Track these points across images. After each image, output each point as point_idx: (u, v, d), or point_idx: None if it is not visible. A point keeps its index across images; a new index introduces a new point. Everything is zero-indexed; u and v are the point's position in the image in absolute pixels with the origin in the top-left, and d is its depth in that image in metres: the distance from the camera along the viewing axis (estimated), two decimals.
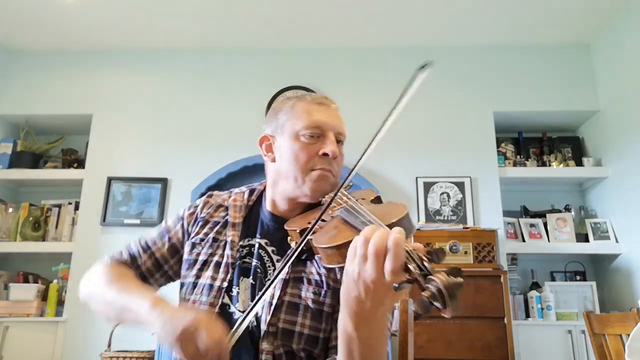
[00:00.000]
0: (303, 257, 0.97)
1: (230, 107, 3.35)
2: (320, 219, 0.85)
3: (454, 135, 3.24)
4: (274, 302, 0.92)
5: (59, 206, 3.29)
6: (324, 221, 0.88)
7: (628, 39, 2.97)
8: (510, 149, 3.37)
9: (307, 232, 0.83)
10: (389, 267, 0.62)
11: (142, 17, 3.15)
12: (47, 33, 3.32)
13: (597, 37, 3.28)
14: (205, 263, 1.01)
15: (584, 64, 3.35)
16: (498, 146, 3.28)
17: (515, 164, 3.26)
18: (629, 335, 1.38)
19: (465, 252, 2.69)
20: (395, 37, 3.34)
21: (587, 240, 3.08)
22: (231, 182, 3.14)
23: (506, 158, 3.29)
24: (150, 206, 3.15)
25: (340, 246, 0.74)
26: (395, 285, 0.62)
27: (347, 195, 0.91)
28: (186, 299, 0.99)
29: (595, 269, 3.24)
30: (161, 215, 3.12)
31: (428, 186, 3.14)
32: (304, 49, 3.46)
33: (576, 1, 2.96)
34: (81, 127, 3.43)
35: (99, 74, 3.47)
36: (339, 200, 0.90)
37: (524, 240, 3.11)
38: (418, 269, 0.62)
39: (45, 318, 2.94)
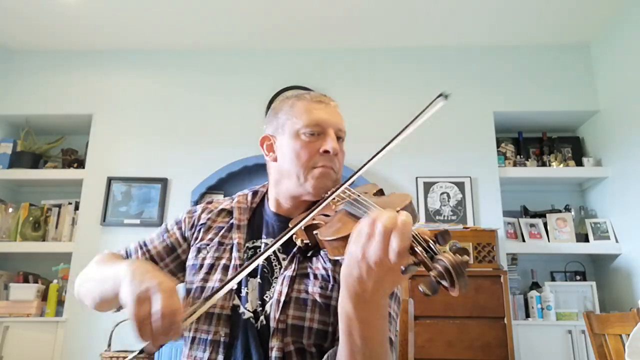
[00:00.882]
0: (309, 254, 0.97)
1: (230, 107, 3.35)
2: (320, 212, 0.85)
3: (454, 135, 3.24)
4: (282, 299, 0.92)
5: (59, 206, 3.29)
6: (328, 216, 0.89)
7: (628, 39, 2.97)
8: (510, 149, 3.37)
9: (308, 214, 0.82)
10: (395, 246, 0.62)
11: (142, 17, 3.15)
12: (47, 33, 3.32)
13: (597, 37, 3.28)
14: (213, 267, 1.01)
15: (584, 64, 3.35)
16: (498, 146, 3.28)
17: (515, 164, 3.26)
18: (629, 335, 1.38)
19: None
20: (396, 37, 3.34)
21: (587, 240, 3.08)
22: (231, 182, 3.14)
23: (506, 158, 3.29)
24: (150, 206, 3.15)
25: (346, 237, 0.74)
26: (403, 267, 0.61)
27: (350, 190, 0.91)
28: (195, 302, 0.99)
29: (595, 269, 3.24)
30: (161, 215, 3.12)
31: (428, 186, 3.14)
32: (304, 49, 3.46)
33: (576, 1, 2.96)
34: (81, 127, 3.43)
35: (99, 74, 3.47)
36: (342, 195, 0.91)
37: (524, 240, 3.11)
38: (424, 251, 0.62)
39: (45, 318, 2.94)
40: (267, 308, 0.93)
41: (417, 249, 0.62)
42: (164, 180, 3.20)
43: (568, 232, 3.10)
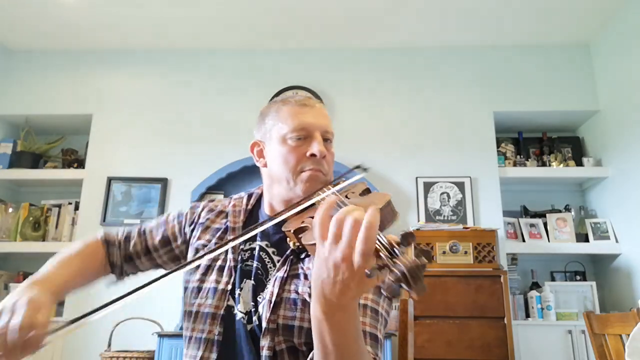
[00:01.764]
0: (302, 256, 0.98)
1: (230, 107, 3.35)
2: (308, 215, 0.87)
3: (454, 135, 3.24)
4: (273, 299, 0.94)
5: (59, 206, 3.29)
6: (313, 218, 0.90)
7: (628, 39, 2.97)
8: (510, 149, 3.37)
9: (285, 211, 0.87)
10: (359, 248, 0.61)
11: (142, 17, 3.15)
12: (47, 33, 3.32)
13: (597, 37, 3.28)
14: (209, 268, 1.04)
15: (584, 64, 3.35)
16: (498, 146, 3.28)
17: (515, 164, 3.26)
18: (629, 335, 1.38)
19: (465, 252, 2.69)
20: (396, 37, 3.34)
21: (587, 240, 3.08)
22: (231, 182, 3.14)
23: (506, 158, 3.29)
24: (150, 206, 3.15)
25: None
26: (367, 272, 0.61)
27: (335, 192, 0.92)
28: (191, 302, 1.02)
29: (595, 269, 3.24)
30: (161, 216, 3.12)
31: (428, 186, 3.14)
32: (304, 49, 3.46)
33: (576, 1, 2.96)
34: (81, 127, 3.43)
35: (99, 74, 3.47)
36: (327, 198, 0.91)
37: (524, 240, 3.11)
38: (388, 255, 0.62)
39: None
40: (260, 309, 0.95)
41: (381, 253, 0.62)
42: (164, 180, 3.20)
43: (568, 232, 3.10)
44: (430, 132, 3.25)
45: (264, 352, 0.90)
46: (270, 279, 0.99)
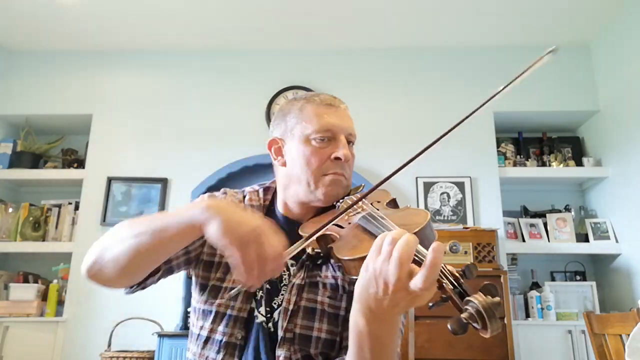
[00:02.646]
0: (319, 262, 0.96)
1: (230, 107, 3.34)
2: (334, 224, 0.83)
3: (454, 135, 3.21)
4: (290, 307, 0.91)
5: (59, 206, 3.29)
6: (341, 227, 0.86)
7: (628, 39, 2.97)
8: (510, 149, 3.37)
9: (323, 226, 0.81)
10: (419, 282, 0.59)
11: (142, 17, 3.15)
12: (47, 33, 3.32)
13: (597, 37, 3.28)
14: (229, 266, 0.97)
15: (584, 64, 3.35)
16: (498, 146, 3.28)
17: (515, 164, 3.26)
18: (629, 335, 1.38)
19: (465, 252, 2.69)
20: (396, 37, 3.34)
21: (587, 240, 3.08)
22: (231, 182, 3.14)
23: (506, 158, 3.29)
24: (150, 206, 3.15)
25: (363, 258, 0.71)
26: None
27: (364, 201, 0.88)
28: (210, 301, 0.96)
29: (595, 269, 3.24)
30: None
31: (428, 186, 3.14)
32: (304, 49, 3.46)
33: (576, 1, 2.96)
34: (81, 127, 3.43)
35: (99, 74, 3.47)
36: (356, 206, 0.88)
37: (524, 240, 3.11)
38: (451, 286, 0.60)
39: (45, 318, 2.94)
40: (275, 315, 0.92)
41: (444, 284, 0.61)
42: (164, 180, 3.20)
43: (568, 232, 3.10)
44: (430, 132, 3.23)
45: None
46: (285, 285, 0.96)
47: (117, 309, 2.80)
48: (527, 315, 2.90)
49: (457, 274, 0.61)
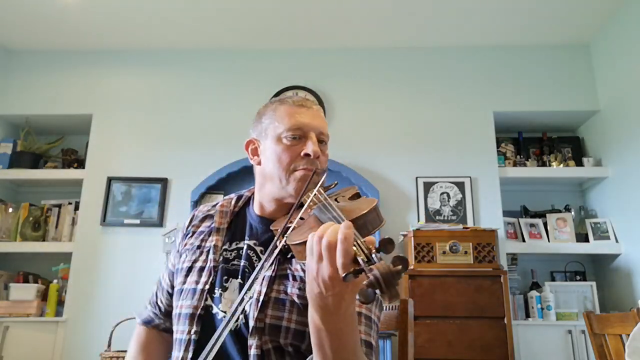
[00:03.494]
0: (289, 256, 0.99)
1: (230, 107, 3.35)
2: (296, 217, 0.88)
3: (454, 135, 3.24)
4: (261, 298, 0.94)
5: (59, 206, 3.29)
6: (303, 219, 0.91)
7: (628, 39, 2.97)
8: (510, 149, 3.37)
9: (280, 232, 0.87)
10: (339, 262, 0.64)
11: (142, 17, 3.15)
12: (47, 33, 3.32)
13: (597, 37, 3.28)
14: (190, 269, 1.05)
15: (584, 64, 3.35)
16: (498, 146, 3.28)
17: (515, 164, 3.26)
18: (629, 335, 1.38)
19: (465, 252, 2.69)
20: (396, 37, 3.34)
21: (587, 240, 3.08)
22: (231, 182, 3.14)
23: (506, 158, 3.29)
24: (150, 206, 3.15)
25: (305, 242, 0.76)
26: (342, 275, 0.63)
27: (324, 194, 0.93)
28: (175, 304, 1.04)
29: (595, 269, 3.24)
30: (161, 215, 3.12)
31: (428, 186, 3.14)
32: (304, 49, 3.46)
33: (576, 1, 2.96)
34: (81, 127, 3.43)
35: (99, 74, 3.47)
36: (316, 199, 0.93)
37: (524, 240, 3.11)
38: (366, 259, 0.63)
39: (45, 318, 2.94)
40: (247, 307, 0.95)
41: (359, 258, 0.64)
42: (164, 180, 3.20)
43: (568, 232, 3.10)
44: (430, 132, 3.25)
45: (252, 351, 0.90)
46: (257, 278, 1.00)
47: (117, 309, 2.80)
48: (527, 315, 2.90)
49: (372, 249, 0.65)
